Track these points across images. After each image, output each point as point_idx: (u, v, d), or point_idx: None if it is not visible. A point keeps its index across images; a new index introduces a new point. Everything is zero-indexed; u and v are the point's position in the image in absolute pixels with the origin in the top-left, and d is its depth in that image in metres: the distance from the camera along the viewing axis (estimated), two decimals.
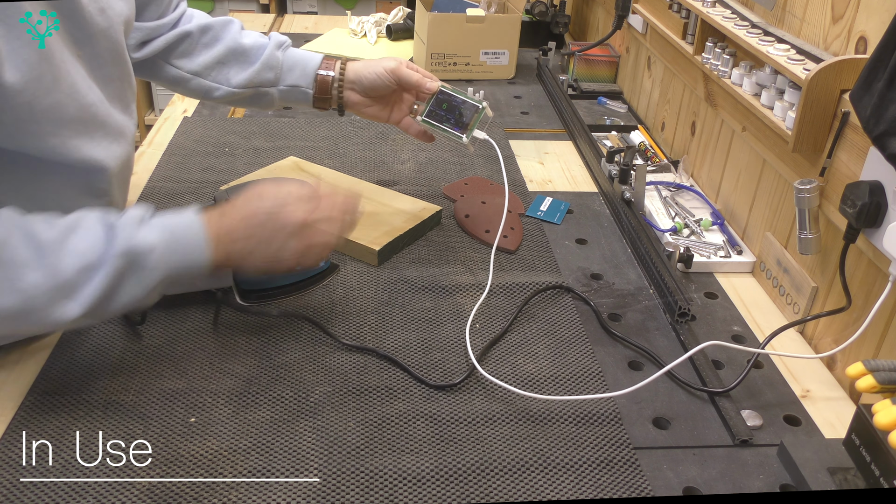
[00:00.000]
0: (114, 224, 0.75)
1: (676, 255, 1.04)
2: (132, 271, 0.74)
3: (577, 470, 0.77)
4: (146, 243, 0.74)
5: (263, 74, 1.09)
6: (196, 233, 0.78)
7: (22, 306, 0.70)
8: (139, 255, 0.74)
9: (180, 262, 0.77)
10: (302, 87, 1.10)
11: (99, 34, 0.82)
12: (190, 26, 1.07)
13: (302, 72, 1.10)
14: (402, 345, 0.92)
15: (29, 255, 0.70)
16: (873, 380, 0.69)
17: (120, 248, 0.73)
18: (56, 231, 0.72)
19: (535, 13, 1.95)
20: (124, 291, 0.74)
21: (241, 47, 1.09)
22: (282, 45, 1.11)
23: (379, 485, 0.74)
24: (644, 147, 1.42)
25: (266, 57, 1.08)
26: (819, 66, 0.87)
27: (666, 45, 1.39)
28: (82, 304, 0.72)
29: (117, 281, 0.73)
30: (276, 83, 1.10)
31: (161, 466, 0.75)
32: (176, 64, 1.08)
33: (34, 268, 0.70)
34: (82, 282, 0.72)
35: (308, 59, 1.11)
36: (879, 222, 0.81)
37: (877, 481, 0.70)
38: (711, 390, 0.87)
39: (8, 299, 0.69)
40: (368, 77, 1.07)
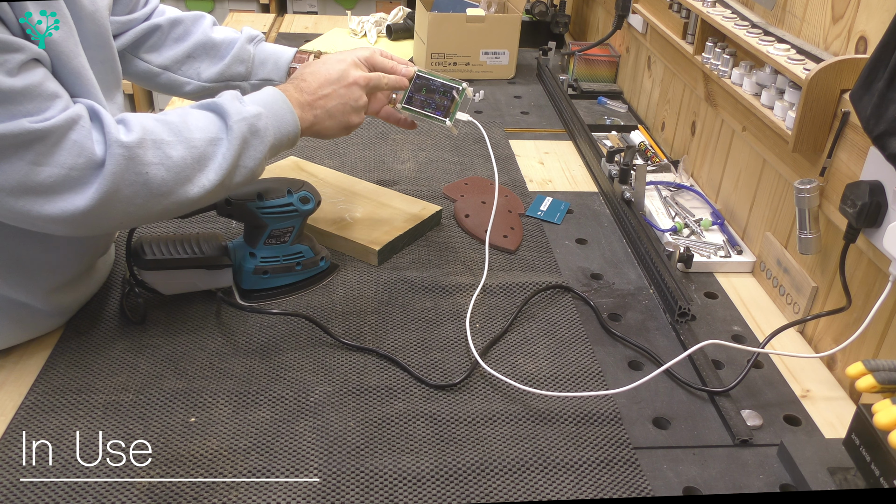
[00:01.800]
0: (218, 104, 0.83)
1: (676, 254, 1.04)
2: (251, 136, 0.83)
3: (577, 470, 0.77)
4: (254, 110, 0.84)
5: (234, 68, 1.07)
6: (283, 102, 0.88)
7: (175, 180, 0.78)
8: (252, 121, 0.83)
9: (280, 127, 0.87)
10: (274, 81, 1.08)
11: (86, 17, 0.82)
12: (160, 20, 1.06)
13: (274, 65, 1.08)
14: (402, 345, 0.92)
15: (167, 134, 0.78)
16: (873, 380, 0.69)
17: (235, 118, 0.82)
18: (176, 115, 0.81)
19: (535, 13, 1.95)
20: (247, 156, 0.83)
21: (212, 41, 1.07)
22: (253, 39, 1.09)
23: (379, 485, 0.74)
24: (644, 147, 1.42)
25: (237, 51, 1.07)
26: (819, 66, 0.87)
27: (666, 44, 1.39)
28: (217, 172, 0.81)
29: (242, 147, 0.82)
30: (247, 77, 1.08)
31: (161, 466, 0.75)
32: (145, 58, 1.07)
33: (176, 144, 0.78)
34: (214, 152, 0.81)
35: (280, 52, 1.09)
36: (879, 222, 0.81)
37: (877, 481, 0.70)
38: (711, 390, 0.87)
39: (162, 174, 0.77)
40: None
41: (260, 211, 0.93)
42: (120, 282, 0.99)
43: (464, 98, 1.03)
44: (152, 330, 0.92)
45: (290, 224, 0.96)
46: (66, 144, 0.72)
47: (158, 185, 0.77)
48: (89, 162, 0.73)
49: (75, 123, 0.73)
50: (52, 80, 0.74)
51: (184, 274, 0.94)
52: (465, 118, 1.04)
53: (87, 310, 0.94)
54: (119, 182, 0.74)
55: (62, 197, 0.73)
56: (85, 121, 0.74)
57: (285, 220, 0.95)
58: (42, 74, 0.73)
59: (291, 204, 0.95)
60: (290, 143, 0.89)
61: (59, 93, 0.74)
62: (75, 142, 0.73)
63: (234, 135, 0.81)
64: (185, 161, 0.78)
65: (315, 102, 0.91)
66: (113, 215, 0.77)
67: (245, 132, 0.82)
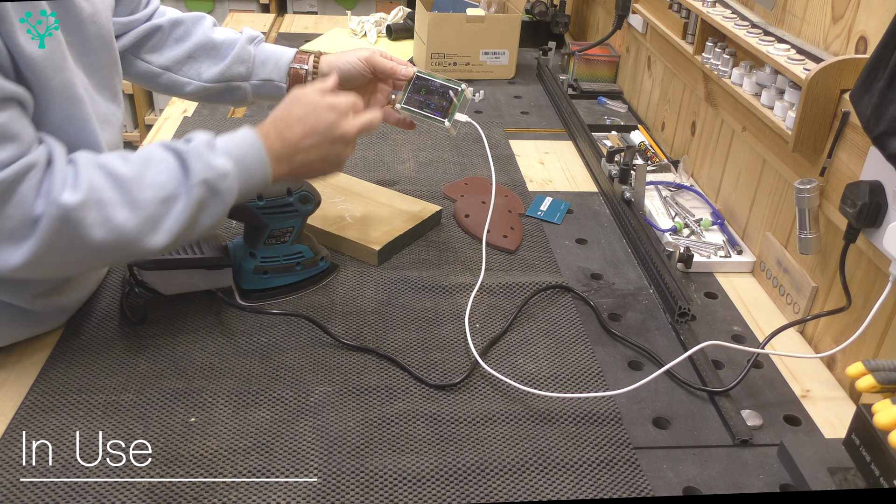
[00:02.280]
0: (185, 153, 0.78)
1: (676, 254, 1.04)
2: (210, 197, 0.78)
3: (577, 470, 0.77)
4: (221, 170, 0.78)
5: (235, 69, 1.07)
6: (259, 154, 0.81)
7: (116, 241, 0.74)
8: (215, 182, 0.78)
9: (247, 181, 0.81)
10: (275, 81, 1.08)
11: (87, 20, 0.82)
12: (161, 20, 1.06)
13: (275, 66, 1.08)
14: (402, 345, 0.92)
15: (114, 194, 0.74)
16: (873, 380, 0.69)
17: (197, 178, 0.77)
18: (133, 166, 0.76)
19: (535, 13, 1.95)
20: (205, 216, 0.78)
21: (212, 42, 1.07)
22: (254, 39, 1.09)
23: (379, 484, 0.74)
24: (644, 147, 1.42)
25: (237, 51, 1.06)
26: (819, 66, 0.87)
27: (666, 44, 1.39)
28: (168, 234, 0.76)
29: (198, 208, 0.77)
30: (248, 77, 1.08)
31: (161, 466, 0.75)
32: (146, 59, 1.07)
33: (121, 205, 0.74)
34: (165, 213, 0.76)
35: (281, 53, 1.09)
36: (879, 222, 0.81)
37: (877, 481, 0.70)
38: (711, 390, 0.87)
39: (102, 235, 0.73)
40: (342, 67, 1.05)
41: (260, 211, 0.93)
42: (120, 282, 0.99)
43: (462, 99, 1.03)
44: (152, 330, 0.92)
45: (290, 224, 0.96)
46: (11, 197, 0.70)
47: (98, 245, 0.74)
48: (26, 218, 0.71)
49: (24, 175, 0.71)
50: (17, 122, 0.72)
51: (184, 274, 0.94)
52: (463, 119, 1.04)
53: (87, 310, 0.94)
54: (53, 242, 0.72)
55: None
56: (36, 172, 0.72)
57: (285, 220, 0.95)
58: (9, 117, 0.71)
59: (291, 204, 0.95)
60: (256, 192, 0.86)
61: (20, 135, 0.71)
62: (19, 194, 0.70)
63: (192, 196, 0.76)
64: (129, 223, 0.74)
65: (294, 156, 0.84)
66: (50, 268, 0.76)
67: (205, 194, 0.77)
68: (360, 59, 1.03)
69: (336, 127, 0.86)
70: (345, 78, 1.05)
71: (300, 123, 0.85)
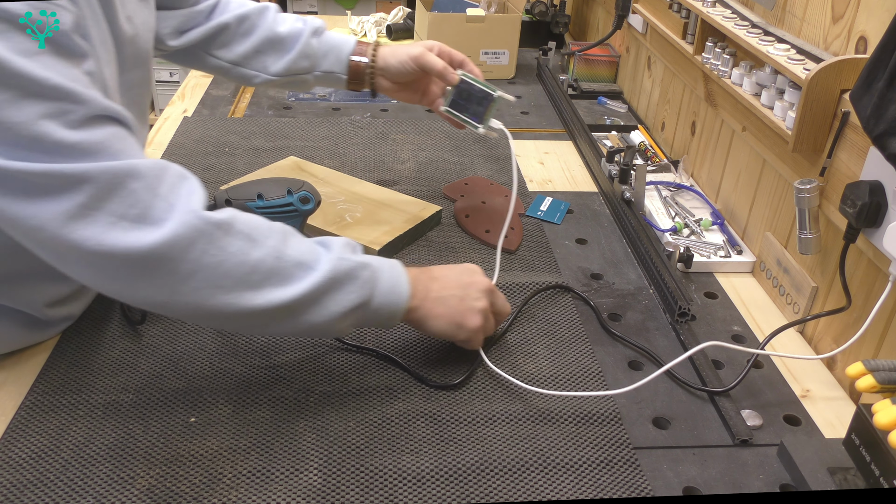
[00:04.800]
0: (326, 241, 0.78)
1: (676, 254, 1.04)
2: (344, 280, 0.75)
3: (577, 470, 0.77)
4: (359, 260, 0.77)
5: (299, 63, 1.11)
6: (399, 270, 0.81)
7: (243, 277, 0.70)
8: (352, 268, 0.76)
9: (385, 289, 0.78)
10: (336, 73, 1.12)
11: (127, 41, 0.82)
12: (227, 17, 1.09)
13: (336, 58, 1.11)
14: (402, 344, 0.92)
15: (257, 235, 0.72)
16: (873, 380, 0.69)
17: (335, 256, 0.75)
18: (277, 228, 0.75)
19: (535, 13, 1.95)
20: (330, 300, 0.74)
21: (277, 36, 1.10)
22: (316, 31, 1.12)
23: (379, 484, 0.74)
24: (644, 147, 1.42)
25: (302, 46, 1.10)
26: (819, 66, 0.87)
27: (666, 44, 1.39)
28: (291, 294, 0.72)
29: (328, 285, 0.74)
30: (311, 70, 1.12)
31: (161, 466, 0.75)
32: (216, 55, 1.10)
33: (260, 246, 0.71)
34: (298, 275, 0.73)
35: (342, 44, 1.12)
36: (879, 222, 0.81)
37: (877, 481, 0.70)
38: (711, 390, 0.87)
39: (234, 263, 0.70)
40: (394, 65, 1.10)
41: (260, 211, 0.93)
42: None
43: (498, 104, 1.07)
44: (152, 330, 0.92)
45: (291, 224, 0.95)
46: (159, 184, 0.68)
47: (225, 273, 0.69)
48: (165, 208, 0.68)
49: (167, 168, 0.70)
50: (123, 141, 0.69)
51: None
52: (497, 126, 1.08)
53: (88, 310, 0.94)
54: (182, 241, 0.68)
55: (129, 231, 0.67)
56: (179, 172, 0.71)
57: (286, 221, 0.95)
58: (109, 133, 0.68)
59: (291, 204, 0.95)
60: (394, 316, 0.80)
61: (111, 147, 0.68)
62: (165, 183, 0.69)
63: (326, 267, 0.74)
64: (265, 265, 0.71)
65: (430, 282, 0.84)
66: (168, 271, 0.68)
67: (340, 271, 0.74)
68: (411, 59, 1.08)
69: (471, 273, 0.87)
70: (396, 75, 1.10)
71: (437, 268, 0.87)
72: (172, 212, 0.68)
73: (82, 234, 0.65)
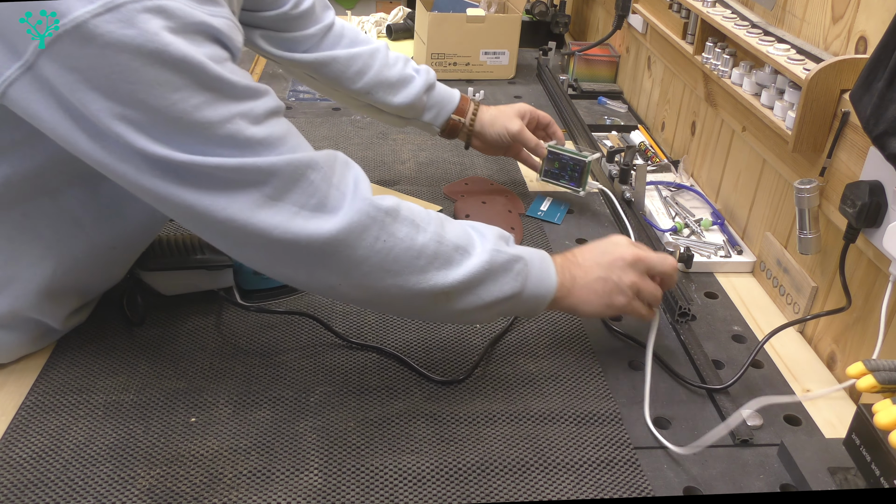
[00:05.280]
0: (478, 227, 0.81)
1: (677, 254, 1.04)
2: (501, 269, 0.78)
3: (577, 470, 0.77)
4: (514, 253, 0.79)
5: (405, 112, 1.16)
6: (548, 263, 0.83)
7: (410, 261, 0.74)
8: (508, 260, 0.78)
9: (531, 281, 0.80)
10: (433, 126, 1.19)
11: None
12: (338, 52, 1.09)
13: (437, 113, 1.18)
14: (402, 344, 0.92)
15: (419, 220, 0.75)
16: (873, 379, 0.69)
17: (490, 246, 0.78)
18: (433, 213, 0.78)
19: (535, 13, 1.95)
20: (485, 289, 0.77)
21: (387, 80, 1.12)
22: (429, 86, 1.16)
23: (379, 484, 0.74)
24: (644, 147, 1.42)
25: (412, 100, 1.14)
26: (819, 66, 0.87)
27: (666, 44, 1.39)
28: (453, 279, 0.75)
29: (484, 275, 0.77)
30: (412, 118, 1.17)
31: (161, 466, 0.75)
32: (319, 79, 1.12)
33: (424, 231, 0.75)
34: (457, 259, 0.76)
35: (446, 101, 1.18)
36: (879, 222, 0.81)
37: (877, 481, 0.70)
38: (710, 387, 0.87)
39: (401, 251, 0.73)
40: (491, 135, 1.18)
41: None
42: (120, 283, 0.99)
43: (591, 167, 1.20)
44: (153, 330, 0.92)
45: None
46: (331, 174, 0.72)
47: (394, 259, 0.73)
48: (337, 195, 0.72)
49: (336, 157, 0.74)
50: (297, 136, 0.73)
51: (184, 274, 0.94)
52: (595, 187, 1.24)
53: None
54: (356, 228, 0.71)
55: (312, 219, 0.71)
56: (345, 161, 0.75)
57: None
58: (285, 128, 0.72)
59: None
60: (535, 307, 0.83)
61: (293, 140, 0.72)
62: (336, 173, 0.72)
63: (481, 258, 0.76)
64: (425, 249, 0.74)
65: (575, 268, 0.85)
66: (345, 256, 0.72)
67: (496, 263, 0.77)
68: (509, 134, 1.17)
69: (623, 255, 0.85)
70: (491, 143, 1.20)
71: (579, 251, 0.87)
72: (345, 200, 0.72)
73: (269, 223, 0.69)
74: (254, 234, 0.69)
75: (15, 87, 0.65)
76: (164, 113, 0.64)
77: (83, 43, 0.61)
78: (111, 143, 0.65)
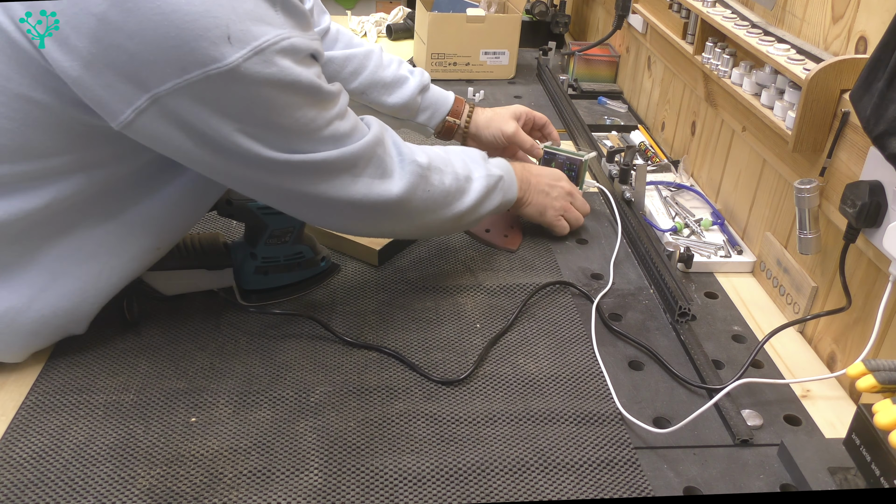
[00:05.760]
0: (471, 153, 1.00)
1: (676, 254, 1.04)
2: (493, 187, 0.98)
3: (577, 470, 0.77)
4: (497, 171, 1.00)
5: (399, 112, 1.19)
6: (513, 174, 1.04)
7: (443, 199, 0.92)
8: (495, 180, 0.99)
9: (507, 192, 1.02)
10: (427, 127, 1.22)
11: None
12: (334, 53, 1.13)
13: (432, 115, 1.21)
14: (402, 345, 0.92)
15: (443, 164, 0.93)
16: (874, 379, 0.69)
17: (484, 171, 0.98)
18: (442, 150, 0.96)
19: (535, 13, 1.95)
20: (483, 205, 0.97)
21: (382, 80, 1.16)
22: (423, 88, 1.20)
23: (379, 484, 0.74)
24: (644, 147, 1.42)
25: (407, 101, 1.18)
26: (819, 66, 0.87)
27: (666, 44, 1.39)
28: (468, 204, 0.95)
29: (485, 194, 0.97)
30: (407, 118, 1.20)
31: (161, 466, 0.75)
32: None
33: (445, 173, 0.93)
34: (467, 187, 0.96)
35: (441, 103, 1.21)
36: (879, 222, 0.81)
37: (877, 481, 0.70)
38: (710, 387, 0.87)
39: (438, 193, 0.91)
40: (486, 136, 1.22)
41: (261, 211, 0.93)
42: None
43: (587, 165, 1.22)
44: (153, 330, 0.92)
45: (291, 224, 0.96)
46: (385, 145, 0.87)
47: (429, 199, 0.91)
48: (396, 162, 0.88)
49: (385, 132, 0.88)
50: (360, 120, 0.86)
51: (184, 274, 0.94)
52: (593, 186, 1.26)
53: None
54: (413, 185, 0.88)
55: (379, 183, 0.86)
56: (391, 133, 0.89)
57: (286, 220, 0.95)
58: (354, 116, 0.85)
59: None
60: (505, 208, 1.04)
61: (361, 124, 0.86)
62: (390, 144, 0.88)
63: (482, 183, 0.97)
64: (451, 188, 0.93)
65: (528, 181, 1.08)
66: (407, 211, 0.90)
67: (490, 185, 0.98)
68: (505, 137, 1.20)
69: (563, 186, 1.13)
70: (486, 144, 1.22)
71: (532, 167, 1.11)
72: (396, 164, 0.88)
73: (357, 195, 0.84)
74: (345, 205, 0.84)
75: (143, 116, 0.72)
76: (288, 127, 0.76)
77: (231, 82, 0.70)
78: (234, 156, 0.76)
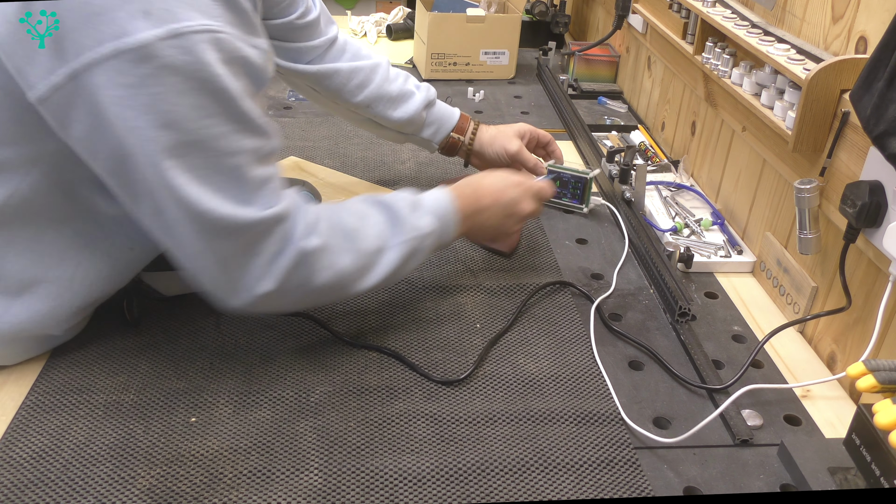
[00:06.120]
0: (395, 211, 0.87)
1: (676, 254, 1.04)
2: (414, 253, 0.87)
3: (577, 470, 0.77)
4: (425, 230, 0.88)
5: (405, 127, 1.17)
6: (454, 217, 0.92)
7: (335, 284, 0.82)
8: (419, 241, 0.88)
9: (443, 239, 0.92)
10: (431, 143, 1.20)
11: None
12: (340, 65, 1.11)
13: (437, 130, 1.19)
14: (402, 345, 0.92)
15: (344, 240, 0.82)
16: (874, 379, 0.69)
17: (408, 235, 0.86)
18: (354, 218, 0.85)
19: (535, 13, 1.95)
20: (407, 267, 0.88)
21: (388, 95, 1.14)
22: (429, 103, 1.18)
23: (379, 484, 0.74)
24: (644, 147, 1.42)
25: (412, 116, 1.15)
26: (819, 66, 0.87)
27: (666, 44, 1.39)
28: (375, 279, 0.85)
29: (403, 261, 0.86)
30: (411, 133, 1.19)
31: (161, 466, 0.75)
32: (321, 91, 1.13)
33: (346, 252, 0.82)
34: (376, 262, 0.85)
35: (445, 119, 1.19)
36: (879, 222, 0.81)
37: (877, 481, 0.70)
38: (710, 387, 0.87)
39: (327, 278, 0.81)
40: (489, 154, 1.19)
41: None
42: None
43: (592, 182, 1.21)
44: (153, 330, 0.92)
45: None
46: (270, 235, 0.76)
47: (321, 286, 0.81)
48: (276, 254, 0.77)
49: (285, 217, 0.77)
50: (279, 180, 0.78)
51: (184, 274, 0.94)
52: (598, 202, 1.24)
53: None
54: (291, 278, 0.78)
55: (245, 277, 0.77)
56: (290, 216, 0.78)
57: None
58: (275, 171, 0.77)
59: None
60: (445, 247, 0.96)
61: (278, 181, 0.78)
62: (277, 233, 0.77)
63: (400, 251, 0.86)
64: (350, 269, 0.82)
65: (475, 218, 0.95)
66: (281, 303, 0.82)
67: (411, 250, 0.87)
68: (509, 155, 1.17)
69: (517, 204, 0.98)
70: (490, 162, 1.20)
71: (489, 193, 0.96)
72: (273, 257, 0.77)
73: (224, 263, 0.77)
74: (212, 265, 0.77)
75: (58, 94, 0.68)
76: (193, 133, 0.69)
77: (140, 62, 0.65)
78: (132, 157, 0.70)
